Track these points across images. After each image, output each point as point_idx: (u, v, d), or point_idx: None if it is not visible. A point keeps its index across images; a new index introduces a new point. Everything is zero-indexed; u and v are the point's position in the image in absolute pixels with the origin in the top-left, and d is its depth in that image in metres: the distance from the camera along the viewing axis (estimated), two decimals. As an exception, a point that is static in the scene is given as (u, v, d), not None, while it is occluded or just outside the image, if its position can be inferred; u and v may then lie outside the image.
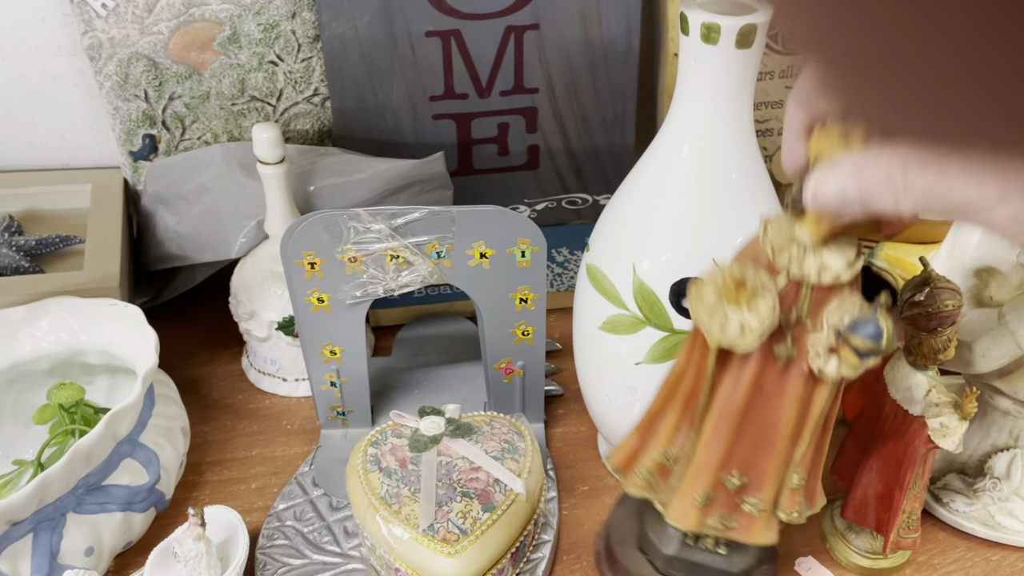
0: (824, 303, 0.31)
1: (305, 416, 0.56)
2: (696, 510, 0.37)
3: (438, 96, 0.62)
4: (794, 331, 0.32)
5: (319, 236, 0.46)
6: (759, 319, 0.31)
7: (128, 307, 0.49)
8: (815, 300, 0.32)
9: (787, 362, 0.33)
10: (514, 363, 0.52)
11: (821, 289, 0.31)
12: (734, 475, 0.36)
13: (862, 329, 0.30)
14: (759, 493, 0.36)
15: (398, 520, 0.43)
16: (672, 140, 0.41)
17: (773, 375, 0.33)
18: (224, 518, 0.45)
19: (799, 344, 0.33)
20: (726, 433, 0.35)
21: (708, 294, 0.32)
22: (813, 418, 0.34)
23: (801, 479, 0.36)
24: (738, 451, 0.35)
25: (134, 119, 0.61)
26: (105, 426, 0.43)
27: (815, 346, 0.32)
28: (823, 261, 0.31)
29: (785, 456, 0.35)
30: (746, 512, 0.37)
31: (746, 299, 0.31)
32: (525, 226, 0.47)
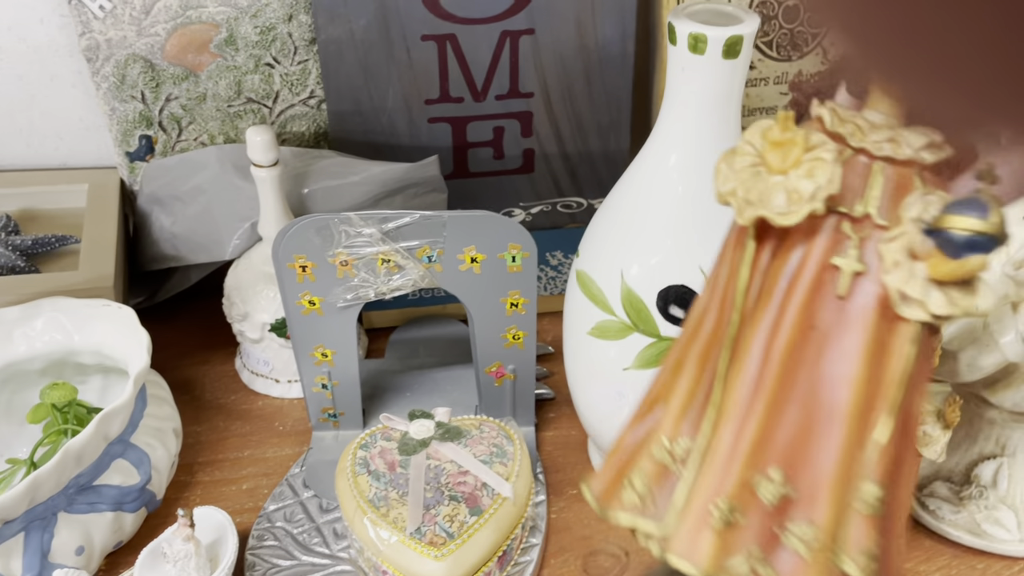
0: (900, 196, 0.23)
1: (297, 417, 0.57)
2: (713, 537, 0.23)
3: (433, 100, 0.63)
4: (860, 233, 0.23)
5: (310, 239, 0.46)
6: (813, 181, 0.22)
7: (121, 308, 0.50)
8: (889, 192, 0.23)
9: (851, 281, 0.23)
10: (505, 367, 0.52)
11: (897, 176, 0.23)
12: (772, 475, 0.23)
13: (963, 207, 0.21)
14: (811, 513, 0.23)
15: (385, 523, 0.43)
16: (660, 149, 0.42)
17: (831, 302, 0.23)
18: (214, 519, 0.46)
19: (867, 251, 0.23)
20: (764, 398, 0.23)
21: (742, 160, 0.24)
22: (893, 381, 0.23)
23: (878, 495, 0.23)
24: (779, 430, 0.23)
25: (131, 120, 0.61)
26: (96, 427, 0.43)
27: (891, 251, 0.22)
28: (899, 134, 0.23)
29: (852, 445, 0.23)
30: (791, 549, 0.23)
31: (794, 162, 0.23)
32: (515, 231, 0.47)
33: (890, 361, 0.23)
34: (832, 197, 0.23)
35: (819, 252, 0.23)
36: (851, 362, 0.23)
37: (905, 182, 0.23)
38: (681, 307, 0.43)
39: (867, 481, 0.23)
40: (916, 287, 0.22)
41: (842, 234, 0.23)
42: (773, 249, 0.24)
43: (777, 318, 0.23)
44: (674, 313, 0.43)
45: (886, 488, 0.23)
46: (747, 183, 0.24)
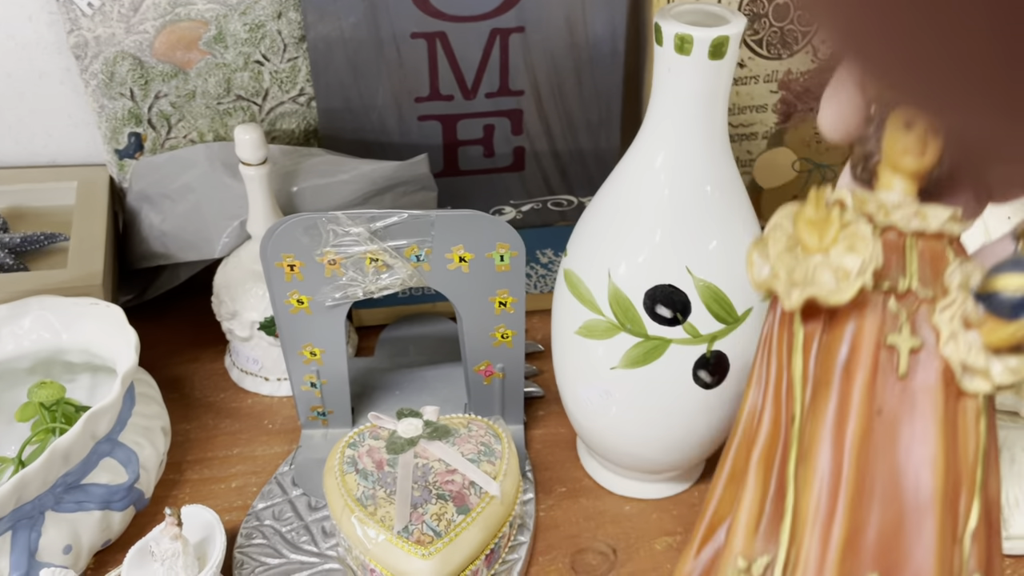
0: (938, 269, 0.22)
1: (287, 416, 0.57)
2: None
3: (423, 97, 0.63)
4: (908, 309, 0.22)
5: (298, 239, 0.46)
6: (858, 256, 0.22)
7: (109, 307, 0.50)
8: (925, 262, 0.23)
9: (909, 359, 0.22)
10: (494, 365, 0.53)
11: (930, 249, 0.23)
12: None
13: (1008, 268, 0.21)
14: None
15: (373, 521, 0.43)
16: (646, 150, 0.42)
17: (893, 383, 0.22)
18: (202, 518, 0.46)
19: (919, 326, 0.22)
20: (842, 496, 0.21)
21: (776, 245, 0.23)
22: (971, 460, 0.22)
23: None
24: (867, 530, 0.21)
25: (120, 117, 0.61)
26: (83, 426, 0.43)
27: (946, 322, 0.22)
28: (921, 209, 0.23)
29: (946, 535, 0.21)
30: None
31: (833, 240, 0.22)
32: (503, 230, 0.47)
33: (965, 439, 0.22)
34: (876, 273, 0.22)
35: (871, 333, 0.22)
36: (927, 444, 0.22)
37: (939, 254, 0.23)
38: (668, 307, 0.43)
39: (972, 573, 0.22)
40: (978, 357, 0.21)
41: (890, 312, 0.22)
42: (821, 335, 0.23)
43: (840, 407, 0.22)
44: (661, 313, 0.43)
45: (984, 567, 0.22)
46: (788, 266, 0.23)
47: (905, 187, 0.23)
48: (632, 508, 0.51)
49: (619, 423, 0.47)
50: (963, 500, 0.21)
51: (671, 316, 0.43)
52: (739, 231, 0.43)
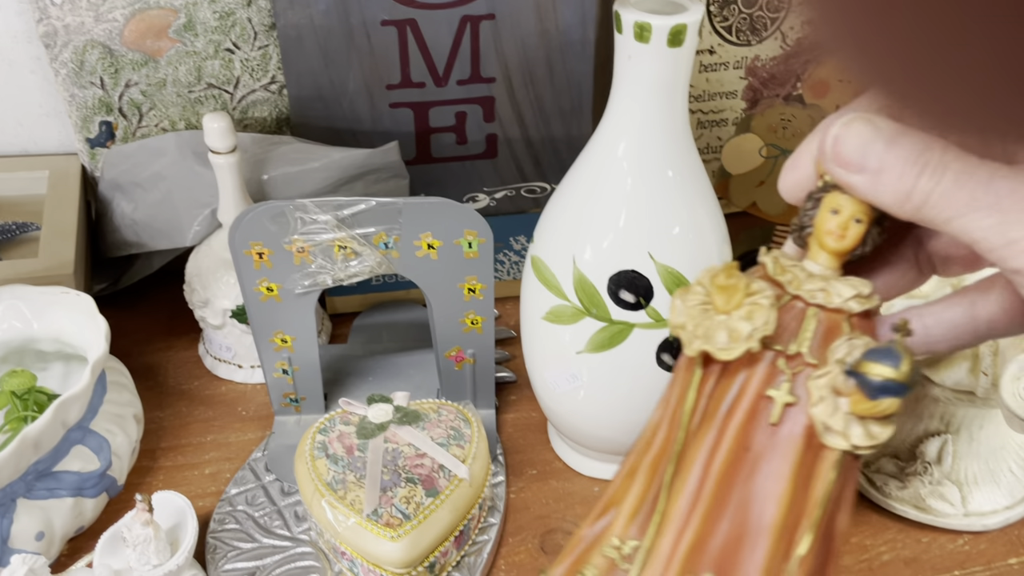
0: (829, 340, 0.26)
1: (260, 402, 0.57)
2: None
3: (395, 85, 0.63)
4: (793, 370, 0.26)
5: (266, 227, 0.47)
6: (751, 323, 0.26)
7: (80, 295, 0.50)
8: (820, 334, 0.26)
9: (782, 411, 0.26)
10: (464, 351, 0.53)
11: (828, 320, 0.26)
12: None
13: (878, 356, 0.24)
14: None
15: (343, 505, 0.44)
16: (608, 138, 0.42)
17: (765, 428, 0.26)
18: (174, 504, 0.46)
19: (797, 385, 0.26)
20: (702, 507, 0.26)
21: (693, 299, 0.27)
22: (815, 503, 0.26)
23: None
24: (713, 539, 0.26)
25: (90, 106, 0.61)
26: (53, 414, 0.43)
27: (818, 387, 0.25)
28: (831, 285, 0.26)
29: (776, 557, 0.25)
30: None
31: (736, 304, 0.26)
32: (471, 218, 0.47)
33: (814, 484, 0.26)
34: (768, 337, 0.26)
35: (756, 383, 0.27)
36: (778, 482, 0.26)
37: (835, 327, 0.26)
38: (631, 292, 0.43)
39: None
40: (838, 421, 0.25)
41: (777, 369, 0.26)
42: (717, 377, 0.27)
43: (717, 439, 0.27)
44: (624, 297, 0.44)
45: None
46: (696, 319, 0.27)
47: (828, 261, 0.27)
48: (601, 489, 0.52)
49: (586, 406, 0.48)
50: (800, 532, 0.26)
51: (634, 301, 0.44)
52: (701, 216, 0.44)
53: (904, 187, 0.23)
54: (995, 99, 0.15)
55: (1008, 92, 0.15)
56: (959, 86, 0.15)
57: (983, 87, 0.15)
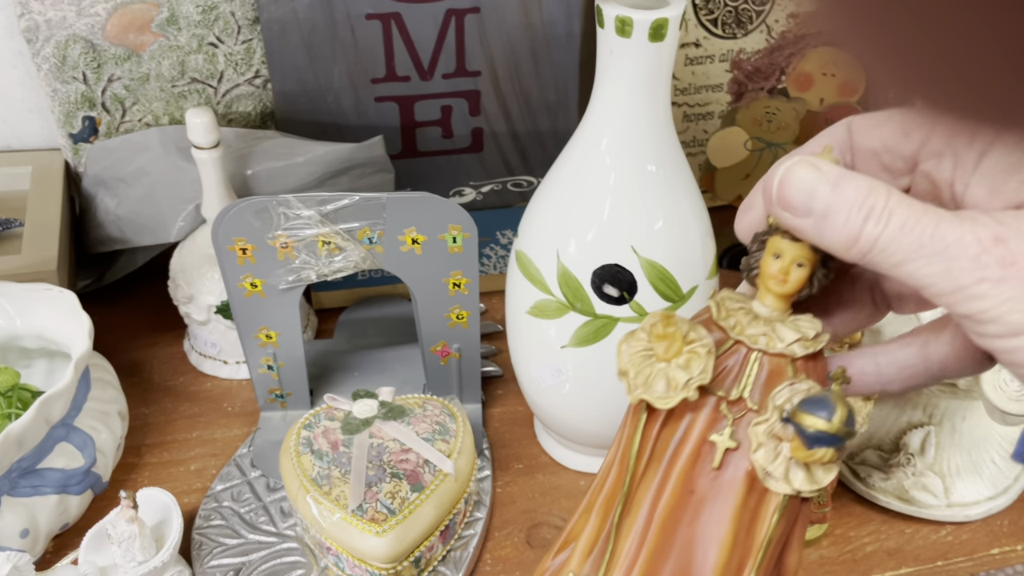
0: (772, 384, 0.27)
1: (246, 398, 0.57)
2: None
3: (380, 79, 0.63)
4: (736, 413, 0.27)
5: (249, 222, 0.47)
6: (686, 371, 0.26)
7: (63, 292, 0.50)
8: (763, 379, 0.27)
9: (724, 456, 0.26)
10: (450, 346, 0.53)
11: (771, 364, 0.27)
12: None
13: (812, 406, 0.25)
14: None
15: (328, 501, 0.44)
16: (591, 132, 0.42)
17: (708, 472, 0.27)
18: (159, 500, 0.46)
19: (739, 430, 0.26)
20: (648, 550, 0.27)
21: (636, 345, 0.27)
22: (758, 546, 0.26)
23: None
24: None
25: (73, 101, 0.60)
26: (37, 411, 0.43)
27: (757, 434, 0.26)
28: (775, 330, 0.27)
29: None
30: None
31: (675, 353, 0.26)
32: (455, 212, 0.47)
33: (757, 527, 0.26)
34: (710, 382, 0.27)
35: (700, 428, 0.27)
36: (721, 527, 0.26)
37: (779, 370, 0.26)
38: (615, 286, 0.44)
39: None
40: (779, 467, 0.26)
41: (720, 414, 0.27)
42: (663, 421, 0.27)
43: (662, 481, 0.27)
44: (608, 292, 0.44)
45: None
46: (638, 366, 0.27)
47: (775, 303, 0.27)
48: (587, 483, 0.52)
49: (572, 400, 0.48)
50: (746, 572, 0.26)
51: (618, 295, 0.44)
52: (684, 210, 0.44)
53: (850, 232, 0.23)
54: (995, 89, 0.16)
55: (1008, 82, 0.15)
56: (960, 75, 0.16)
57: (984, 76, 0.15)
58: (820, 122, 0.58)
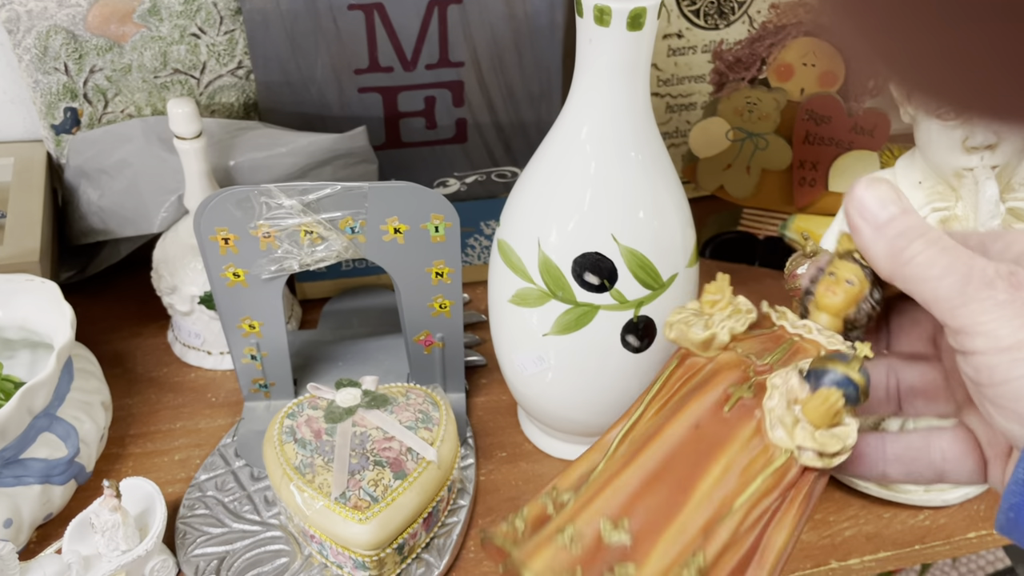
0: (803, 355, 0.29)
1: (230, 389, 0.57)
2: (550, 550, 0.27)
3: (363, 69, 0.63)
4: (759, 378, 0.29)
5: (231, 212, 0.47)
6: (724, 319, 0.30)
7: (44, 283, 0.50)
8: (791, 353, 0.29)
9: (737, 402, 0.28)
10: (433, 335, 0.53)
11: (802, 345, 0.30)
12: (621, 526, 0.27)
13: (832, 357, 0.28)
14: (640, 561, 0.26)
15: (311, 489, 0.44)
16: (572, 121, 0.42)
17: (718, 415, 0.28)
18: (142, 490, 0.46)
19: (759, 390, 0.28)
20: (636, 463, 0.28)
21: (683, 312, 0.31)
22: (747, 489, 0.27)
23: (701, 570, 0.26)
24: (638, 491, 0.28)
25: (55, 92, 0.60)
26: (18, 401, 0.43)
27: (773, 384, 0.28)
28: (815, 331, 0.30)
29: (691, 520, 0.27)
30: None
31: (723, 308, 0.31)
32: (437, 202, 0.48)
33: (750, 473, 0.28)
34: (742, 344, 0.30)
35: (724, 383, 0.29)
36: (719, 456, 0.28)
37: (807, 352, 0.30)
38: (595, 274, 0.44)
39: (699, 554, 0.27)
40: (787, 417, 0.27)
41: (747, 375, 0.29)
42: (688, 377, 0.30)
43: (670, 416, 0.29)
44: (588, 280, 0.44)
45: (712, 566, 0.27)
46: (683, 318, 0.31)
47: (827, 322, 0.30)
48: (570, 471, 0.53)
49: (554, 388, 0.49)
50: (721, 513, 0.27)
51: (598, 283, 0.44)
52: (664, 198, 0.44)
53: (899, 245, 0.27)
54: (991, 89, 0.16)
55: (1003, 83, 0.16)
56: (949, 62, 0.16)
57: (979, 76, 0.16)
58: (800, 112, 0.58)
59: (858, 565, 0.49)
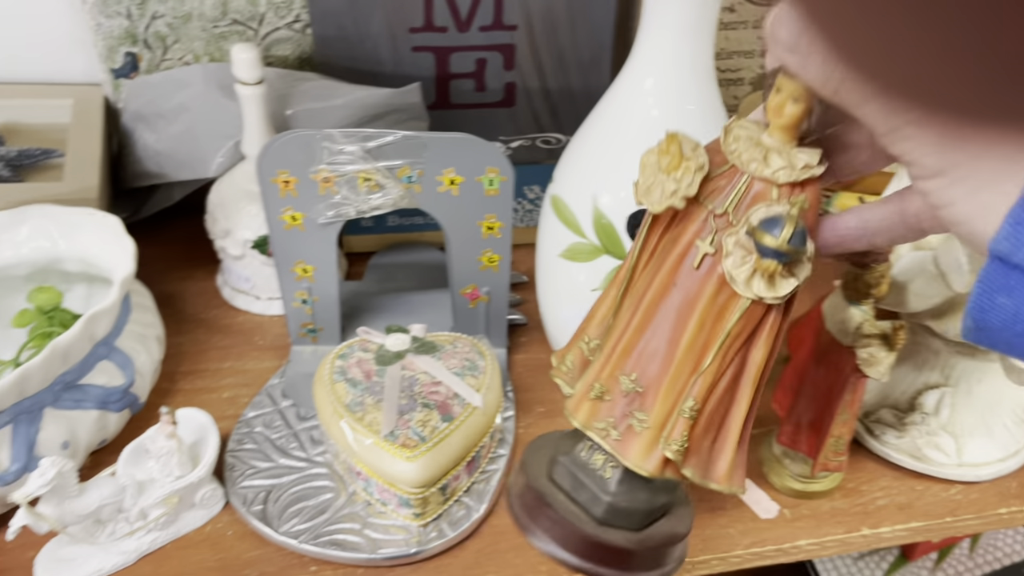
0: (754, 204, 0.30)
1: (276, 333, 0.59)
2: (588, 403, 0.34)
3: (418, 28, 0.63)
4: (720, 225, 0.31)
5: (293, 155, 0.48)
6: (676, 183, 0.31)
7: (107, 216, 0.51)
8: (750, 198, 0.30)
9: (703, 258, 0.31)
10: (480, 289, 0.54)
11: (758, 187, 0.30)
12: (631, 377, 0.33)
13: (766, 224, 0.29)
14: (649, 408, 0.33)
15: (361, 426, 0.45)
16: (636, 74, 0.43)
17: (689, 270, 0.32)
18: (196, 420, 0.48)
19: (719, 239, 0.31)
20: (634, 323, 0.33)
21: (649, 159, 0.32)
22: (720, 335, 0.31)
23: (692, 409, 0.32)
24: (641, 350, 0.33)
25: (116, 36, 0.61)
26: (83, 326, 0.45)
27: (728, 244, 0.30)
28: (766, 157, 0.30)
29: (681, 369, 0.32)
30: (631, 426, 0.33)
31: (674, 167, 0.31)
32: (494, 155, 0.48)
33: (722, 321, 0.32)
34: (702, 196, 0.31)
35: (690, 234, 0.32)
36: (692, 311, 0.32)
37: (763, 193, 0.30)
38: (649, 230, 0.45)
39: (689, 398, 0.32)
40: (743, 273, 0.30)
41: (708, 225, 0.31)
42: (664, 229, 0.33)
43: (652, 273, 0.33)
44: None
45: (702, 404, 0.32)
46: (646, 178, 0.32)
47: (780, 135, 0.30)
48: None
49: (598, 345, 0.49)
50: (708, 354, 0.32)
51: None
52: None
53: (825, 72, 0.26)
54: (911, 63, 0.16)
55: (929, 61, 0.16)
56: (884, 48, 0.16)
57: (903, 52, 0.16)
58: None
59: (889, 534, 0.50)
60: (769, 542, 0.48)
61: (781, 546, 0.48)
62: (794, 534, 0.49)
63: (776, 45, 0.27)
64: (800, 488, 0.50)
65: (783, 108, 0.29)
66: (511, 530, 0.48)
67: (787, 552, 0.49)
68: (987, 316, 0.24)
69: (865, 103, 0.25)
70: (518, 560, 0.46)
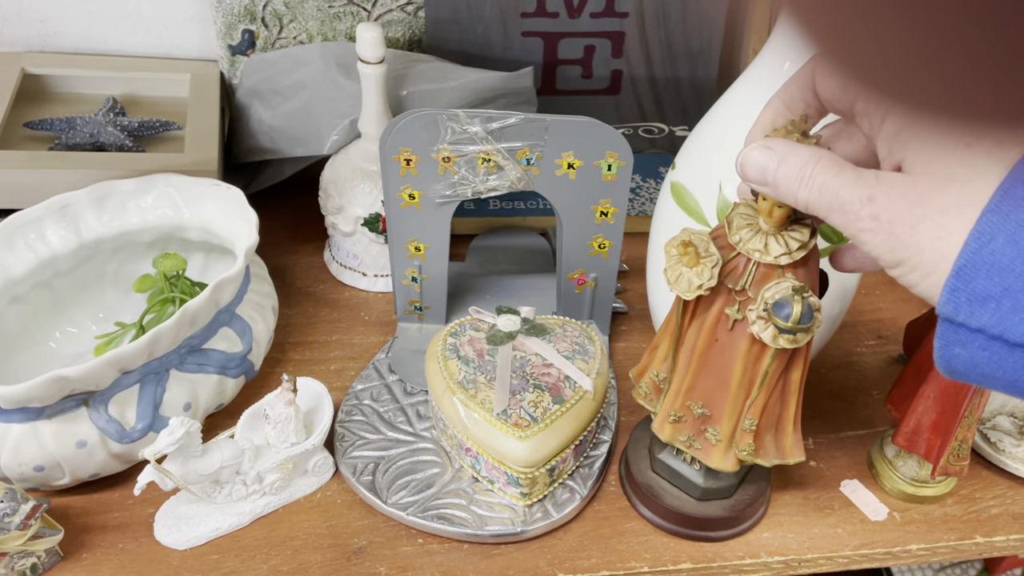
0: (768, 279, 0.37)
1: (382, 310, 0.59)
2: (669, 425, 0.44)
3: (530, 13, 0.64)
4: (741, 298, 0.38)
5: (418, 133, 0.48)
6: (699, 278, 0.38)
7: (231, 188, 0.52)
8: (760, 275, 0.37)
9: (734, 323, 0.39)
10: (587, 275, 0.54)
11: (766, 267, 0.37)
12: (699, 404, 0.42)
13: (778, 310, 0.36)
14: (718, 426, 0.42)
15: (474, 403, 0.46)
16: (773, 57, 0.42)
17: (726, 330, 0.39)
18: (312, 389, 0.49)
19: (744, 309, 0.38)
20: (692, 368, 0.41)
21: (670, 252, 0.38)
22: (760, 374, 0.39)
23: (752, 424, 0.41)
24: (701, 385, 0.42)
25: (236, 13, 0.63)
26: (211, 292, 0.46)
27: (752, 314, 0.37)
28: (767, 244, 0.37)
29: (736, 400, 0.41)
30: (707, 438, 0.43)
31: (693, 261, 0.38)
32: (615, 140, 0.48)
33: (760, 362, 0.40)
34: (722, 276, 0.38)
35: (719, 305, 0.39)
36: (735, 362, 0.40)
37: (770, 271, 0.37)
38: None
39: (746, 418, 0.41)
40: (768, 335, 0.37)
41: (732, 298, 0.39)
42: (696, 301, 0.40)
43: (697, 333, 0.41)
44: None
45: (758, 421, 0.41)
46: (671, 267, 0.39)
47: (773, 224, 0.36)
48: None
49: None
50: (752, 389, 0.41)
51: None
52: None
53: (792, 196, 0.31)
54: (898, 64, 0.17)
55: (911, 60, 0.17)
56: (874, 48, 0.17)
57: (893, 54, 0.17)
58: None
59: (1002, 543, 0.48)
60: (879, 544, 0.47)
61: (891, 549, 0.47)
62: (904, 538, 0.48)
63: (746, 181, 0.33)
64: (911, 492, 0.49)
65: (772, 211, 0.35)
66: (615, 516, 0.48)
67: (897, 556, 0.48)
68: (950, 363, 0.28)
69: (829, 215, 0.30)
70: (621, 546, 0.46)
